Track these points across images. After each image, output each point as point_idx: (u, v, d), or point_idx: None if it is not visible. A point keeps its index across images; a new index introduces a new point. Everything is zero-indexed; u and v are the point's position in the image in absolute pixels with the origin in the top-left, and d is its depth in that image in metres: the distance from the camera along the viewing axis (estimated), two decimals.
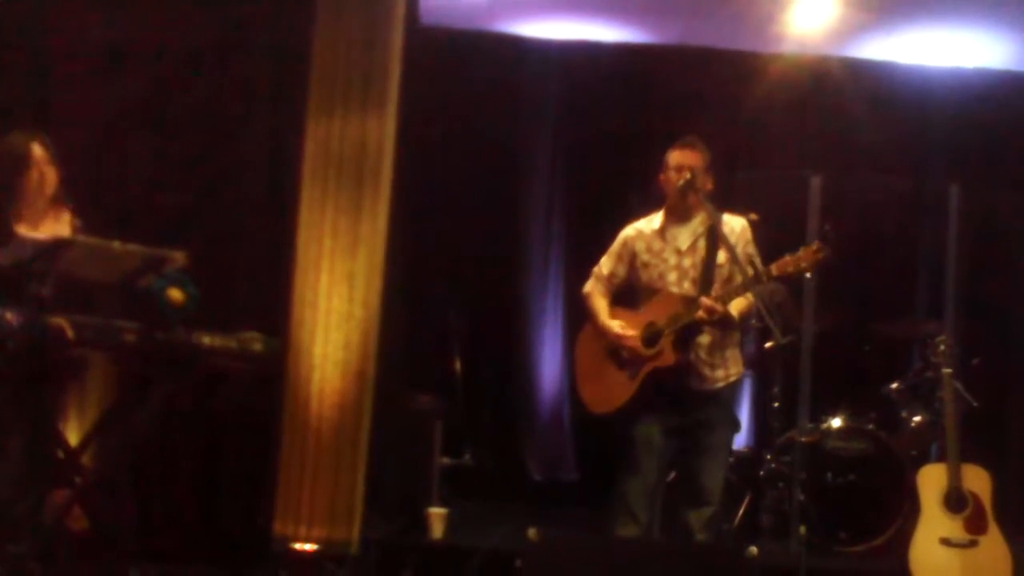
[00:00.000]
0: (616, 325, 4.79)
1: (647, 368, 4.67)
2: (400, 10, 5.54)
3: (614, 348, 4.78)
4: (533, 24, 7.46)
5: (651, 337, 4.68)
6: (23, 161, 4.56)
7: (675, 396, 4.68)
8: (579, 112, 7.69)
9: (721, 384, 4.73)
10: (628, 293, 4.96)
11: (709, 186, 4.76)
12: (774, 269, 4.48)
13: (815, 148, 7.48)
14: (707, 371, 4.71)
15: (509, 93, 7.60)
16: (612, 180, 7.49)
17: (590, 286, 4.98)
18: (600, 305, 4.91)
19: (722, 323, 4.60)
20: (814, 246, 4.45)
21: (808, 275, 4.59)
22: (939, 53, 7.37)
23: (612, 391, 4.77)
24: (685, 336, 4.64)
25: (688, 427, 4.71)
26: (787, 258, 4.48)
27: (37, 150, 4.59)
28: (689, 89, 7.38)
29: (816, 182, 6.03)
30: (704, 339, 4.69)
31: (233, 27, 5.74)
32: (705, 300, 4.51)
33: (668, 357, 4.62)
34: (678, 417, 4.71)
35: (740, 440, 6.70)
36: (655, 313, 4.71)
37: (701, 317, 4.52)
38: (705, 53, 7.47)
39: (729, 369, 4.76)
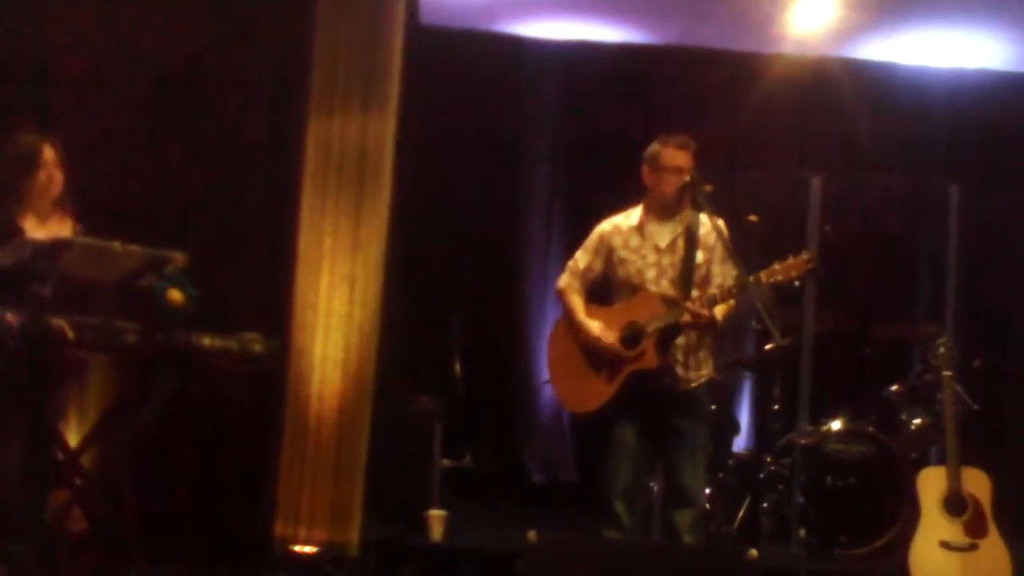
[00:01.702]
0: (595, 327, 4.68)
1: (628, 370, 4.60)
2: (400, 10, 5.53)
3: (590, 347, 4.71)
4: (533, 24, 7.46)
5: (631, 337, 4.60)
6: (33, 161, 4.59)
7: (654, 397, 4.64)
8: (579, 112, 7.70)
9: (694, 384, 4.68)
10: (602, 287, 4.87)
11: (709, 187, 4.72)
12: (763, 276, 4.43)
13: (815, 149, 7.50)
14: (681, 372, 4.65)
15: (509, 93, 7.61)
16: (612, 180, 7.45)
17: (565, 281, 4.86)
18: (576, 302, 4.80)
19: (707, 327, 4.57)
20: (805, 256, 4.41)
21: (797, 284, 4.53)
22: (939, 54, 7.38)
23: (590, 391, 4.69)
24: (667, 338, 4.60)
25: (666, 428, 4.67)
26: (776, 267, 4.44)
27: (48, 152, 4.62)
28: (689, 89, 7.39)
29: (816, 182, 6.04)
30: (681, 340, 4.64)
31: (233, 27, 5.73)
32: (690, 305, 4.46)
33: (651, 359, 4.56)
34: (655, 418, 4.66)
35: (740, 442, 6.71)
36: (635, 312, 4.62)
37: (686, 321, 4.47)
38: (705, 54, 7.47)
39: (701, 370, 4.71)
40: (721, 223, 4.64)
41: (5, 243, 4.34)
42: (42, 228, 4.60)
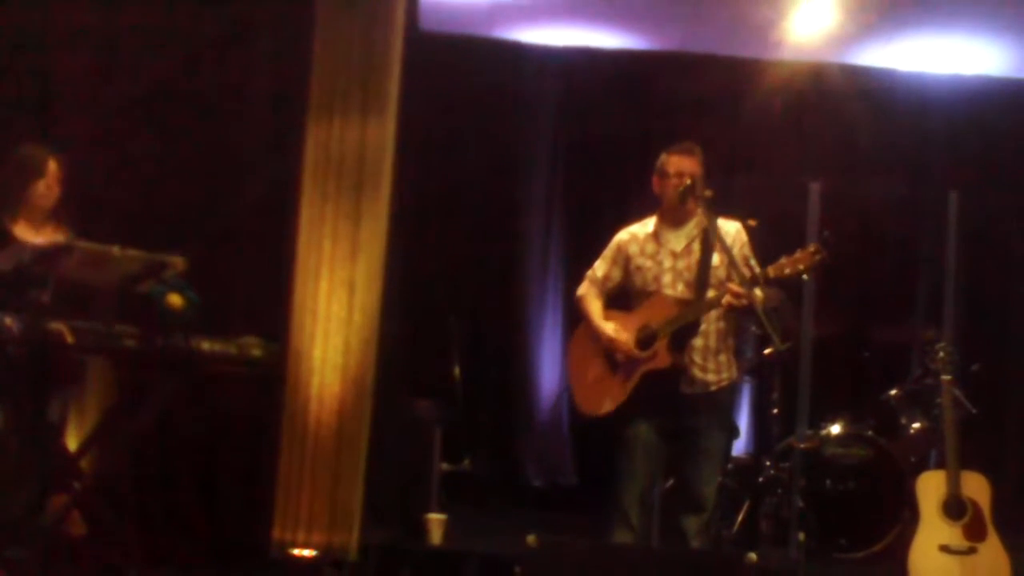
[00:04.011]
0: (610, 328, 4.77)
1: (641, 370, 4.66)
2: (400, 15, 5.54)
3: (608, 350, 4.77)
4: (532, 30, 7.47)
5: (645, 339, 4.67)
6: (38, 171, 4.66)
7: (668, 399, 4.67)
8: (578, 118, 7.71)
9: (713, 388, 4.72)
10: (622, 297, 4.95)
11: (708, 194, 4.75)
12: (771, 271, 4.49)
13: (814, 154, 7.48)
14: (698, 374, 4.70)
15: (508, 99, 7.61)
16: (611, 187, 7.50)
17: (584, 289, 4.96)
18: (594, 307, 4.89)
19: (747, 311, 4.57)
20: (811, 248, 4.47)
21: (805, 277, 4.57)
22: (938, 60, 7.39)
23: (605, 393, 4.76)
24: (680, 339, 4.63)
25: (681, 432, 4.71)
26: (783, 260, 4.49)
27: (52, 165, 4.68)
28: (688, 95, 7.38)
29: (815, 188, 6.03)
30: (697, 342, 4.68)
31: (233, 31, 5.74)
32: (732, 286, 4.48)
33: (663, 359, 4.62)
34: (670, 420, 4.70)
35: (739, 446, 6.70)
36: (649, 315, 4.70)
37: (729, 303, 4.48)
38: (704, 59, 7.48)
39: (721, 373, 4.74)
40: (738, 226, 4.75)
41: (3, 248, 4.35)
42: (35, 236, 4.62)
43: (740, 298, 4.46)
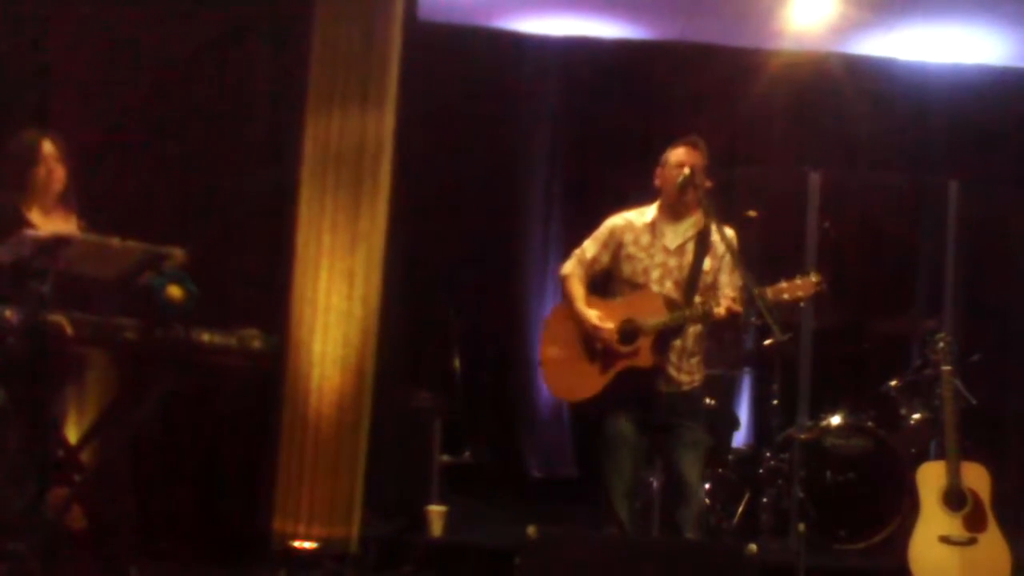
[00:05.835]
0: (593, 316, 4.67)
1: (621, 365, 4.61)
2: (399, 7, 5.54)
3: (587, 337, 4.71)
4: (532, 20, 7.46)
5: (628, 334, 4.60)
6: (33, 156, 4.65)
7: (645, 396, 4.64)
8: (578, 109, 7.71)
9: (686, 388, 4.69)
10: (603, 280, 4.86)
11: (708, 184, 4.72)
12: (770, 293, 4.42)
13: (814, 144, 7.49)
14: (674, 373, 4.66)
15: (508, 89, 7.61)
16: (611, 176, 7.49)
17: (570, 268, 4.85)
18: (578, 291, 4.79)
19: (731, 323, 4.57)
20: (814, 278, 4.41)
21: (802, 305, 4.52)
22: (938, 49, 7.38)
23: (580, 381, 4.70)
24: (664, 339, 4.61)
25: (660, 427, 4.68)
26: (784, 285, 4.42)
27: (47, 146, 4.69)
28: (688, 85, 7.39)
29: (815, 178, 6.04)
30: (676, 343, 4.65)
31: (233, 26, 5.73)
32: (729, 303, 4.44)
33: (646, 358, 4.56)
34: (647, 415, 4.67)
35: (739, 438, 6.72)
36: (634, 310, 4.62)
37: (719, 314, 4.46)
38: (704, 49, 7.47)
39: (693, 375, 4.72)
40: (732, 233, 4.66)
41: (10, 234, 4.35)
42: (47, 221, 4.63)
43: (736, 316, 4.47)
